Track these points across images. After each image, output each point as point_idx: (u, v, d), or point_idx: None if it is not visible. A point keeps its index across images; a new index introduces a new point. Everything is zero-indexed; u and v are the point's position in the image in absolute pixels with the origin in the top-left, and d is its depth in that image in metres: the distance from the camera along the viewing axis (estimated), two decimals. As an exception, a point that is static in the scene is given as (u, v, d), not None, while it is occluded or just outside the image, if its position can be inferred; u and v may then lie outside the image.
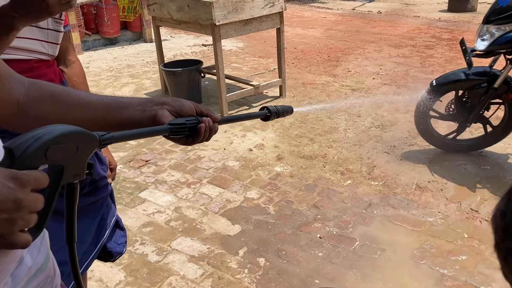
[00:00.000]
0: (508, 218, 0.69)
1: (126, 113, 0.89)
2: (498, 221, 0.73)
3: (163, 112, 0.88)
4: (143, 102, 0.90)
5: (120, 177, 3.40)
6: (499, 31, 2.87)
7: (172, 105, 0.90)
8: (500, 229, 0.72)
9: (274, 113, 1.10)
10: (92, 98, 0.90)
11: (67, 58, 1.63)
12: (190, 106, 0.92)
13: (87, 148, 0.68)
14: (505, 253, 0.70)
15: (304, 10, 9.72)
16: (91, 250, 1.51)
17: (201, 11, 4.05)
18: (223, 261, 2.51)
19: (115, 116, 0.88)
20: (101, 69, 6.08)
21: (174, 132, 0.86)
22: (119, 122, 0.89)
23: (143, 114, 0.88)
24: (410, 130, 3.79)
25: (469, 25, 7.46)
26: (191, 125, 0.89)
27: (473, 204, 2.88)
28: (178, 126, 0.87)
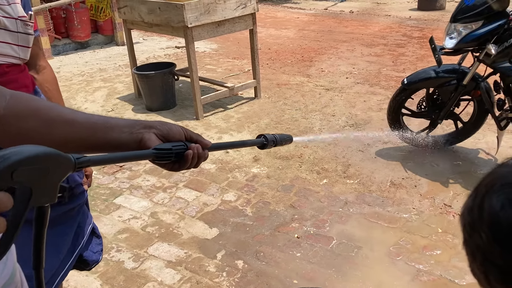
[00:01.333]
0: (475, 214, 0.70)
1: (113, 134, 0.85)
2: (466, 217, 0.74)
3: (150, 135, 0.85)
4: (131, 124, 0.87)
5: (94, 183, 3.34)
6: (466, 29, 2.93)
7: (159, 129, 0.86)
8: (468, 225, 0.73)
9: (272, 142, 1.06)
10: (77, 116, 0.86)
11: (37, 64, 1.59)
12: (179, 131, 0.88)
13: (60, 171, 0.66)
14: (473, 249, 0.71)
15: (277, 11, 9.75)
16: (68, 259, 1.48)
17: (172, 14, 4.02)
18: (201, 265, 2.49)
19: (101, 136, 0.85)
20: (72, 73, 5.97)
21: (159, 158, 0.83)
22: (104, 143, 0.85)
23: (130, 137, 0.85)
24: (383, 128, 3.84)
25: (438, 23, 7.62)
26: (177, 151, 0.85)
27: (446, 199, 2.94)
28: (164, 152, 0.83)
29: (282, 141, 1.09)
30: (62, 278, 1.46)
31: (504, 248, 0.65)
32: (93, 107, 4.80)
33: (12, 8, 1.29)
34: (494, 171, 0.73)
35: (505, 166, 0.71)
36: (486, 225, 0.67)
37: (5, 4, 1.27)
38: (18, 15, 1.31)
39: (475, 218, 0.70)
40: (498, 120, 3.11)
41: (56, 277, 1.40)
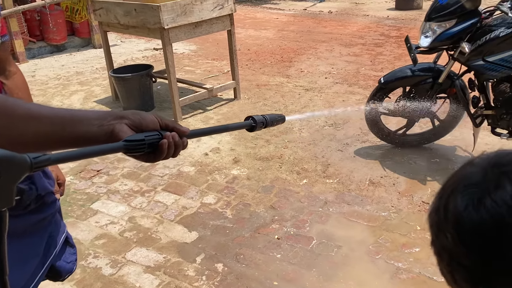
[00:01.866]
0: (440, 214, 0.70)
1: (82, 128, 0.80)
2: (433, 217, 0.74)
3: (121, 127, 0.80)
4: (101, 116, 0.82)
5: (70, 189, 3.28)
6: (440, 28, 2.96)
7: (131, 118, 0.82)
8: (434, 225, 0.72)
9: (261, 123, 0.99)
10: (44, 111, 0.81)
11: (7, 69, 1.55)
12: (153, 120, 0.84)
13: (14, 173, 0.62)
14: (440, 249, 0.71)
15: (257, 12, 9.75)
16: (38, 270, 1.43)
17: (148, 15, 3.97)
18: (180, 269, 2.46)
19: (70, 131, 0.80)
20: (48, 77, 5.86)
21: (130, 150, 0.78)
22: (73, 138, 0.81)
23: (100, 129, 0.80)
24: (362, 127, 3.86)
25: (415, 22, 7.70)
26: (151, 141, 0.80)
27: (424, 196, 2.97)
28: (135, 143, 0.78)
29: (273, 121, 1.02)
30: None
31: (468, 248, 0.65)
32: (69, 111, 4.71)
33: None
34: (458, 171, 0.73)
35: (470, 166, 0.71)
36: (451, 225, 0.67)
37: None
38: None
39: (441, 219, 0.70)
40: (474, 117, 3.15)
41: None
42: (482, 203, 0.63)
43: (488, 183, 0.64)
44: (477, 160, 0.70)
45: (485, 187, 0.64)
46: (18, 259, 1.30)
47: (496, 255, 0.62)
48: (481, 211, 0.63)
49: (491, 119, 3.08)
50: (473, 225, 0.63)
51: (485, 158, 0.70)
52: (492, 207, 0.62)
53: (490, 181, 0.64)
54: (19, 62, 6.32)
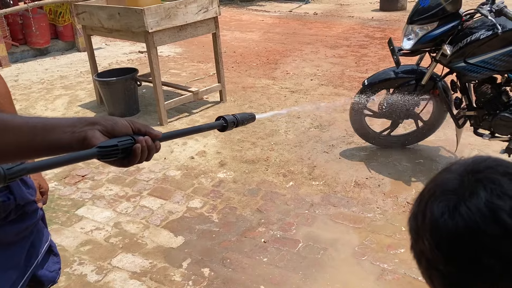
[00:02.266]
0: (418, 220, 0.71)
1: (54, 136, 0.80)
2: (411, 222, 0.75)
3: (93, 133, 0.80)
4: (73, 123, 0.82)
5: (54, 195, 3.24)
6: (422, 31, 2.99)
7: (103, 124, 0.82)
8: (413, 231, 0.73)
9: (232, 123, 1.01)
10: (15, 120, 0.80)
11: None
12: (125, 125, 0.84)
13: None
14: (418, 254, 0.72)
15: (242, 14, 9.76)
16: (18, 281, 1.41)
17: (132, 19, 3.95)
18: (167, 275, 2.45)
19: (41, 140, 0.79)
20: (32, 81, 5.79)
21: (104, 156, 0.78)
22: (46, 146, 0.80)
23: (73, 136, 0.80)
24: (347, 129, 3.89)
25: (399, 24, 7.77)
26: (124, 146, 0.81)
27: (409, 197, 2.99)
28: (109, 149, 0.79)
29: (243, 120, 1.04)
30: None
31: (445, 255, 0.66)
32: (53, 116, 4.67)
33: None
34: (436, 177, 0.74)
35: (447, 172, 0.72)
36: (428, 231, 0.68)
37: None
38: None
39: (419, 224, 0.71)
40: (456, 118, 3.19)
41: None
42: (458, 210, 0.64)
43: (464, 190, 0.65)
44: (455, 166, 0.71)
45: (461, 194, 0.65)
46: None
47: (471, 261, 0.63)
48: (456, 219, 0.64)
49: (474, 120, 3.12)
50: (448, 232, 0.64)
51: (462, 164, 0.71)
52: (467, 214, 0.63)
53: (466, 188, 0.66)
54: (2, 66, 6.24)
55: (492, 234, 0.61)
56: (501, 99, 2.95)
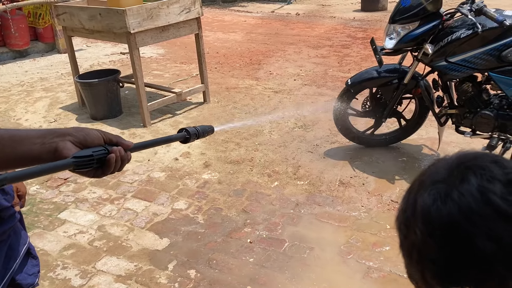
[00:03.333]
0: (409, 212, 0.71)
1: (23, 148, 0.80)
2: (400, 218, 0.75)
3: (64, 144, 0.81)
4: (43, 134, 0.82)
5: (36, 198, 3.19)
6: (404, 30, 3.03)
7: (75, 135, 0.82)
8: (402, 225, 0.73)
9: (194, 135, 1.07)
10: None
11: None
12: (97, 135, 0.85)
13: None
14: (409, 248, 0.72)
15: (224, 14, 9.74)
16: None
17: (114, 20, 3.90)
18: (152, 277, 2.43)
19: (10, 152, 0.79)
20: (11, 84, 5.68)
21: (79, 166, 0.79)
22: (14, 158, 0.80)
23: (42, 148, 0.80)
24: (331, 129, 3.90)
25: (381, 24, 7.85)
26: (99, 156, 0.82)
27: (393, 195, 3.02)
28: (85, 159, 0.79)
29: (204, 132, 1.10)
30: None
31: (438, 242, 0.66)
32: (34, 118, 4.59)
33: None
34: (423, 172, 0.75)
35: (434, 166, 0.73)
36: (420, 221, 0.68)
37: None
38: None
39: (409, 217, 0.71)
40: (438, 116, 3.23)
41: None
42: (449, 196, 0.65)
43: (454, 179, 0.66)
44: (441, 161, 0.72)
45: (452, 182, 0.66)
46: None
47: (465, 246, 0.63)
48: (449, 204, 0.64)
49: (455, 118, 3.16)
50: (442, 219, 0.64)
51: (448, 159, 0.72)
52: (459, 199, 0.64)
53: (455, 177, 0.66)
54: (-20, 68, 6.11)
55: (485, 216, 0.62)
56: (481, 97, 2.99)
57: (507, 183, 0.63)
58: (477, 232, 0.62)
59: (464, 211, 0.63)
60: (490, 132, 3.00)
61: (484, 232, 0.62)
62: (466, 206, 0.63)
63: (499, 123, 2.91)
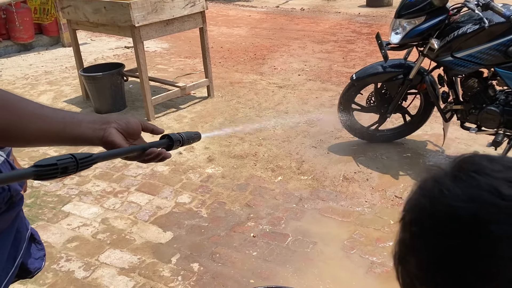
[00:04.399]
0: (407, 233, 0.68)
1: (79, 130, 0.89)
2: (398, 243, 0.71)
3: (110, 130, 0.91)
4: (93, 120, 0.92)
5: (40, 191, 3.19)
6: (410, 25, 3.00)
7: (118, 122, 0.93)
8: (401, 246, 0.69)
9: (178, 141, 1.02)
10: (46, 110, 0.88)
11: None
12: (136, 122, 0.96)
13: None
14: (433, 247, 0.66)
15: (229, 9, 9.71)
16: (9, 266, 1.39)
17: (118, 13, 3.90)
18: (155, 270, 2.43)
19: (69, 131, 0.88)
20: (16, 77, 5.69)
21: (41, 176, 0.77)
22: (72, 138, 0.89)
23: (94, 132, 0.90)
24: (335, 124, 3.89)
25: (386, 19, 7.81)
26: (64, 165, 0.79)
27: (397, 191, 3.01)
28: (47, 168, 0.77)
29: (189, 139, 1.07)
30: (6, 287, 1.37)
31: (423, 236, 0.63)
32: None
33: None
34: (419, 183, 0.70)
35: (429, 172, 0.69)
36: (416, 226, 0.65)
37: None
38: None
39: (407, 237, 0.68)
40: (443, 112, 3.21)
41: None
42: (445, 193, 0.62)
43: (445, 179, 0.64)
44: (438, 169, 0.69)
45: (443, 182, 0.63)
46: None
47: (479, 233, 0.60)
48: (450, 197, 0.61)
49: (460, 113, 3.14)
50: (447, 213, 0.62)
51: (446, 163, 0.68)
52: (466, 188, 0.61)
53: (447, 176, 0.64)
54: (-16, 61, 6.12)
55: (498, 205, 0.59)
56: (487, 93, 2.97)
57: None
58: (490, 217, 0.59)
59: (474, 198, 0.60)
60: (495, 128, 2.98)
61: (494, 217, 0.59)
62: (477, 195, 0.60)
63: (504, 119, 2.89)
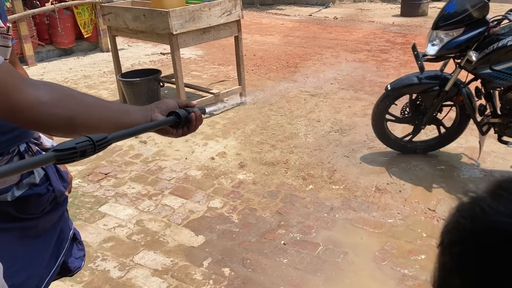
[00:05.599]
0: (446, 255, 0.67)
1: (132, 116, 1.02)
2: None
3: (156, 115, 1.04)
4: (141, 109, 1.05)
5: (78, 191, 3.31)
6: (447, 37, 2.98)
7: (159, 106, 1.06)
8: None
9: (185, 117, 1.06)
10: (103, 102, 1.04)
11: None
12: (173, 102, 1.09)
13: None
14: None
15: (262, 17, 9.80)
16: (52, 264, 1.46)
17: (157, 21, 4.01)
18: (188, 273, 2.48)
19: (125, 118, 1.01)
20: (56, 80, 5.91)
21: (61, 160, 0.79)
22: (127, 124, 0.99)
23: (143, 118, 1.03)
24: (368, 134, 3.88)
25: (421, 29, 7.73)
26: (83, 148, 0.82)
27: (430, 204, 2.98)
28: (67, 152, 0.79)
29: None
30: (48, 284, 1.44)
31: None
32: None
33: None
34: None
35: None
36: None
37: None
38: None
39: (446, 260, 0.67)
40: (480, 125, 3.16)
41: (41, 283, 1.39)
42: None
43: (486, 198, 0.63)
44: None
45: (484, 200, 0.62)
46: (34, 257, 1.34)
47: None
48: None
49: (498, 127, 3.09)
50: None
51: None
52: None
53: (487, 196, 0.63)
54: (28, 65, 6.38)
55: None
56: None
57: None
58: None
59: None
60: (534, 142, 2.91)
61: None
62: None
63: (544, 134, 2.83)
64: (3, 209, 1.25)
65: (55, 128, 0.97)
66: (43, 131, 1.27)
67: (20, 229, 1.31)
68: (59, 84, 0.99)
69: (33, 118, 0.90)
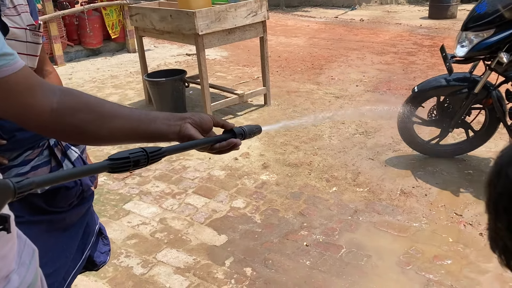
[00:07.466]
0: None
1: (154, 126, 0.94)
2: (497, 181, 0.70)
3: (186, 125, 0.95)
4: (168, 117, 0.96)
5: (104, 189, 3.36)
6: (477, 38, 2.91)
7: (192, 118, 0.97)
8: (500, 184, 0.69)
9: (240, 135, 1.05)
10: (123, 109, 0.95)
11: (44, 69, 1.61)
12: (208, 118, 1.00)
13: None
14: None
15: (288, 19, 9.79)
16: (78, 257, 1.49)
17: (184, 21, 4.05)
18: (210, 272, 2.49)
19: (145, 128, 0.93)
20: (84, 80, 6.03)
21: (115, 169, 0.80)
22: (147, 134, 0.94)
23: (169, 128, 0.94)
24: (393, 136, 3.82)
25: (449, 32, 7.59)
26: (136, 158, 0.83)
27: (457, 208, 2.91)
28: (121, 161, 0.80)
29: (251, 133, 1.09)
30: (74, 277, 1.47)
31: None
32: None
33: (21, 18, 1.30)
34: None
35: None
36: None
37: (14, 15, 1.28)
38: (27, 24, 1.32)
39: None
40: (510, 129, 3.08)
41: (68, 275, 1.41)
42: None
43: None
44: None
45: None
46: (61, 250, 1.37)
47: None
48: None
49: (529, 131, 3.00)
50: None
51: None
52: None
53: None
54: (57, 65, 6.54)
55: None
56: (560, 110, 2.82)
57: None
58: None
59: None
60: None
61: None
62: None
63: None
64: (33, 201, 1.28)
65: (64, 135, 0.95)
66: (52, 137, 1.27)
67: (48, 222, 1.34)
68: (79, 91, 0.97)
69: (41, 124, 0.89)
